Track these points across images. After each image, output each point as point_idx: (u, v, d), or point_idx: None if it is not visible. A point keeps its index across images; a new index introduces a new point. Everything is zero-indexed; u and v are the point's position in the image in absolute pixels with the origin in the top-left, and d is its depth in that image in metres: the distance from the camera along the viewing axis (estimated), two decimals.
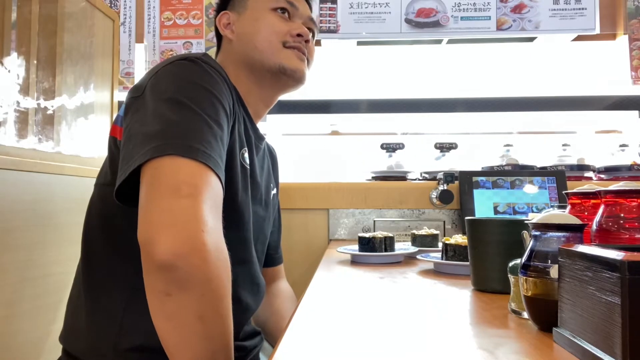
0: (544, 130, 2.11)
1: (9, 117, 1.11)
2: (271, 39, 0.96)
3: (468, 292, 0.83)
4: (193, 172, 0.64)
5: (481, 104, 1.93)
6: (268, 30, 0.97)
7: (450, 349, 0.54)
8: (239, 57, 0.98)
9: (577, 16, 1.87)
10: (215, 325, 0.63)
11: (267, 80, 0.98)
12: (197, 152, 0.66)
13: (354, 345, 0.54)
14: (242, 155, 0.87)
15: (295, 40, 0.98)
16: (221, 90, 0.79)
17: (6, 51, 1.10)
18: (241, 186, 0.86)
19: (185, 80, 0.76)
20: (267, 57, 0.96)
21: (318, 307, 0.74)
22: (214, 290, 0.62)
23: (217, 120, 0.73)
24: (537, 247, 0.60)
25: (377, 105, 1.95)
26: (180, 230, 0.59)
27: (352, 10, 1.91)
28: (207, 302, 0.62)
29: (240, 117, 0.91)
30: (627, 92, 1.87)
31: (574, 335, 0.51)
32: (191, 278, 0.60)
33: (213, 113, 0.74)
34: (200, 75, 0.78)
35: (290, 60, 0.97)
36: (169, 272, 0.60)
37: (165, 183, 0.63)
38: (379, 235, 1.19)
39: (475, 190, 1.64)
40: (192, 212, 0.61)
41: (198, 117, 0.71)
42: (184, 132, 0.68)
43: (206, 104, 0.74)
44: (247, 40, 0.97)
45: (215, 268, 0.62)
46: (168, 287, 0.61)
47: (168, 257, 0.59)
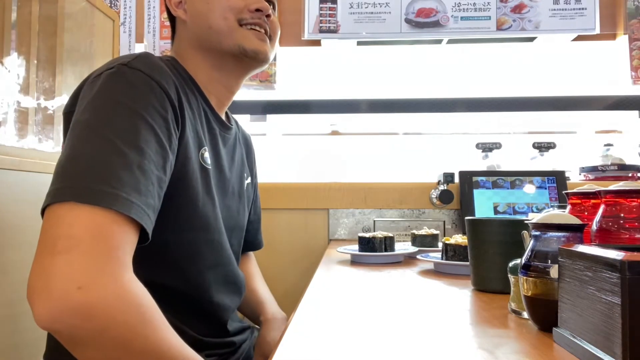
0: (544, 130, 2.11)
1: (9, 117, 1.11)
2: (226, 16, 0.87)
3: (468, 292, 0.83)
4: (76, 221, 0.58)
5: (481, 104, 1.92)
6: (222, 6, 0.87)
7: (450, 349, 0.54)
8: (195, 41, 0.90)
9: (577, 16, 1.87)
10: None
11: (227, 63, 0.90)
12: (92, 195, 0.59)
13: (353, 345, 0.54)
14: (201, 155, 0.82)
15: (254, 16, 0.89)
16: (151, 103, 0.70)
17: (6, 51, 1.10)
18: (202, 189, 0.81)
19: (105, 100, 0.68)
20: (223, 38, 0.87)
21: (318, 307, 0.74)
22: (116, 338, 0.58)
23: (137, 145, 0.65)
24: (537, 247, 0.60)
25: (377, 105, 1.95)
26: (50, 294, 0.55)
27: (352, 10, 1.91)
28: (112, 349, 0.58)
29: (199, 113, 0.85)
30: (627, 92, 1.87)
31: (574, 335, 0.51)
32: (77, 337, 0.57)
33: (132, 137, 0.65)
34: (124, 90, 0.69)
35: (250, 41, 0.88)
36: (56, 335, 0.57)
37: (43, 240, 0.58)
38: (379, 235, 1.19)
39: (475, 190, 1.64)
40: (63, 272, 0.55)
41: (110, 146, 0.63)
42: (86, 170, 0.61)
43: (125, 126, 0.66)
44: (201, 21, 0.88)
45: (107, 318, 0.57)
46: (65, 345, 0.58)
47: (47, 324, 0.55)
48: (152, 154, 0.67)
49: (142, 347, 0.59)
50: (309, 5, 1.90)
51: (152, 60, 0.76)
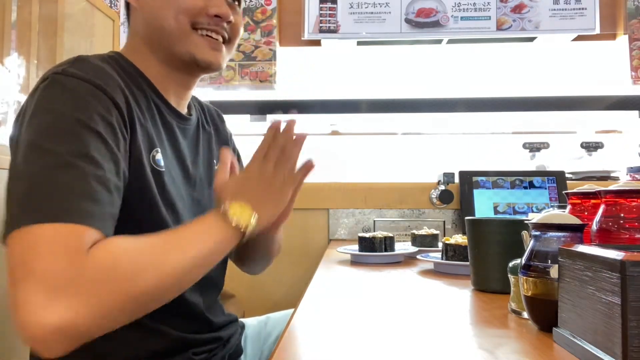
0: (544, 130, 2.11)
1: (9, 117, 1.11)
2: (179, 19, 0.80)
3: (468, 292, 0.83)
4: (26, 246, 0.57)
5: (481, 104, 1.93)
6: (177, 5, 0.80)
7: (450, 349, 0.54)
8: (146, 36, 0.83)
9: (577, 16, 1.87)
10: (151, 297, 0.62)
11: (178, 66, 0.84)
12: (48, 212, 0.58)
13: (354, 345, 0.54)
14: (152, 157, 0.78)
15: (211, 22, 0.82)
16: (93, 110, 0.67)
17: (6, 51, 1.10)
18: (158, 194, 0.78)
19: (44, 114, 0.66)
20: (175, 41, 0.81)
21: (318, 307, 0.74)
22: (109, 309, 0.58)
23: (86, 154, 0.63)
24: (537, 247, 0.60)
25: (377, 105, 1.95)
26: (26, 330, 0.54)
27: (352, 10, 1.91)
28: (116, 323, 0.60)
29: (149, 111, 0.80)
30: (627, 92, 1.87)
31: (574, 335, 0.51)
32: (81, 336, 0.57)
33: (79, 147, 0.63)
34: (62, 99, 0.66)
35: (202, 50, 0.82)
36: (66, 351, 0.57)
37: (11, 266, 0.58)
38: (379, 235, 1.19)
39: (475, 190, 1.64)
40: (24, 302, 0.55)
41: (57, 160, 0.61)
42: (36, 190, 0.60)
43: (70, 137, 0.63)
44: (153, 17, 0.82)
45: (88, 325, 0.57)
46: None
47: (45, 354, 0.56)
48: (102, 161, 0.65)
49: (146, 289, 0.60)
50: (309, 5, 1.90)
51: (90, 63, 0.72)
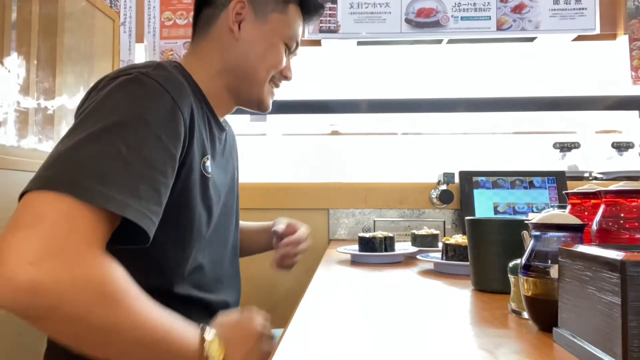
0: (544, 130, 2.11)
1: (9, 117, 1.11)
2: (269, 71, 0.94)
3: (468, 292, 0.83)
4: (51, 205, 0.58)
5: (481, 104, 1.92)
6: (274, 61, 0.94)
7: (450, 349, 0.54)
8: (229, 63, 0.93)
9: (577, 16, 1.87)
10: (98, 335, 0.60)
11: (238, 99, 0.97)
12: (80, 190, 0.59)
13: (353, 345, 0.54)
14: (203, 164, 0.84)
15: (281, 78, 0.99)
16: (162, 114, 0.71)
17: (6, 51, 1.10)
18: (199, 200, 0.83)
19: (117, 103, 0.69)
20: (254, 85, 0.94)
21: (318, 307, 0.74)
22: (69, 314, 0.56)
23: (140, 153, 0.66)
24: (537, 247, 0.60)
25: (377, 105, 1.95)
26: (2, 270, 0.54)
27: (352, 10, 1.91)
28: (68, 325, 0.58)
29: (204, 122, 0.87)
30: (627, 92, 1.87)
31: (574, 335, 0.51)
32: (30, 314, 0.56)
33: (138, 144, 0.66)
34: (139, 96, 0.70)
35: (268, 97, 0.98)
36: (12, 312, 0.56)
37: (11, 219, 0.58)
38: (379, 235, 1.19)
39: (475, 190, 1.64)
40: (18, 247, 0.55)
41: (114, 150, 0.63)
42: (83, 166, 0.61)
43: (132, 133, 0.66)
44: (250, 58, 0.92)
45: (57, 295, 0.55)
46: (23, 319, 0.57)
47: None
48: (156, 163, 0.67)
49: (100, 322, 0.58)
50: None
51: (170, 73, 0.77)
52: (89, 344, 0.61)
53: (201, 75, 0.90)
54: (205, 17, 0.94)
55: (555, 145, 1.79)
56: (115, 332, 0.60)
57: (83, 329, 0.58)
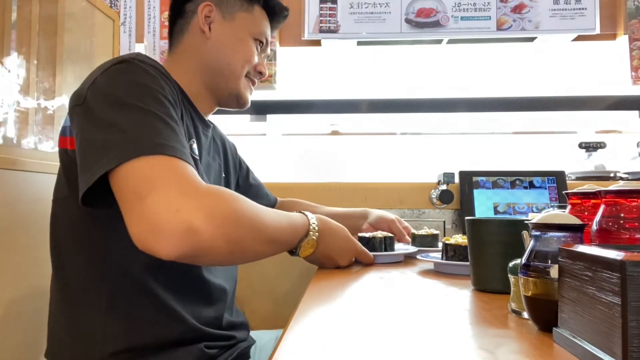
0: (544, 130, 2.11)
1: (9, 117, 1.11)
2: (243, 65, 1.01)
3: (468, 292, 0.83)
4: (147, 169, 0.66)
5: (481, 104, 1.92)
6: (245, 56, 1.01)
7: (450, 349, 0.54)
8: (204, 62, 1.00)
9: (577, 16, 1.86)
10: (253, 234, 0.73)
11: (218, 95, 1.03)
12: (157, 147, 0.67)
13: (353, 345, 0.54)
14: (190, 146, 0.89)
15: (256, 75, 1.05)
16: (163, 86, 0.79)
17: (6, 51, 1.10)
18: None
19: (127, 82, 0.76)
20: (231, 79, 1.00)
21: (318, 307, 0.74)
22: (231, 232, 0.68)
23: (169, 115, 0.75)
24: (537, 247, 0.60)
25: (377, 105, 1.95)
26: (157, 232, 0.62)
27: (352, 10, 1.91)
28: (239, 239, 0.70)
29: (186, 110, 0.94)
30: (627, 92, 1.87)
31: (574, 335, 0.51)
32: (205, 250, 0.65)
33: (162, 108, 0.74)
34: (140, 74, 0.78)
35: (246, 91, 1.04)
36: (189, 259, 0.66)
37: (125, 194, 0.66)
38: (379, 235, 1.19)
39: (475, 190, 1.64)
40: (155, 209, 0.62)
41: (149, 115, 0.72)
42: (137, 135, 0.69)
43: (152, 101, 0.74)
44: (223, 54, 1.00)
45: (216, 220, 0.65)
46: (205, 262, 0.74)
47: (175, 256, 0.63)
48: (179, 125, 0.76)
49: (248, 221, 0.71)
50: (309, 5, 1.90)
51: (151, 60, 0.85)
52: (244, 251, 0.73)
53: (181, 77, 0.97)
54: (178, 27, 1.04)
55: (581, 145, 1.78)
56: (260, 225, 0.74)
57: (238, 244, 0.69)
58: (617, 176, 1.72)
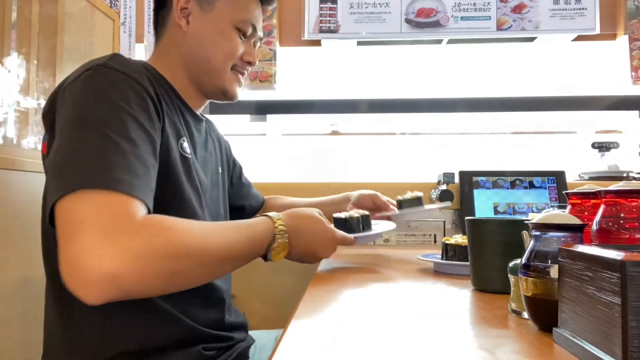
0: (544, 130, 2.11)
1: (9, 117, 1.11)
2: (226, 61, 0.95)
3: (468, 292, 0.83)
4: (85, 205, 0.63)
5: (481, 104, 1.92)
6: (228, 49, 0.95)
7: (450, 349, 0.54)
8: (185, 58, 0.95)
9: (577, 16, 1.86)
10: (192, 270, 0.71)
11: (204, 91, 0.99)
12: (101, 180, 0.64)
13: (353, 345, 0.54)
14: (180, 145, 0.86)
15: (244, 65, 0.99)
16: (128, 98, 0.74)
17: (6, 51, 1.10)
18: (185, 179, 0.85)
19: (91, 97, 0.73)
20: (214, 77, 0.95)
21: (318, 307, 0.74)
22: (159, 268, 0.65)
23: (128, 137, 0.70)
24: (537, 247, 0.60)
25: (377, 105, 1.95)
26: (80, 278, 0.60)
27: (352, 10, 1.91)
28: (167, 275, 0.67)
29: (174, 107, 0.90)
30: (627, 92, 1.87)
31: (574, 335, 0.51)
32: (132, 292, 0.63)
33: (122, 130, 0.70)
34: (106, 86, 0.74)
35: (232, 85, 0.98)
36: (116, 300, 0.63)
37: (60, 231, 0.63)
38: (355, 215, 1.14)
39: (475, 190, 1.64)
40: (81, 253, 0.60)
41: (104, 141, 0.68)
42: (87, 161, 0.66)
43: (113, 121, 0.70)
44: (203, 49, 0.94)
45: (140, 263, 0.63)
46: (134, 297, 0.66)
47: (96, 302, 0.61)
48: (140, 143, 0.72)
49: (186, 250, 0.68)
50: (309, 5, 1.90)
51: (125, 60, 0.81)
52: (188, 280, 0.71)
53: (166, 73, 0.93)
54: (160, 19, 0.99)
55: (594, 145, 1.77)
56: (203, 250, 0.70)
57: (180, 264, 0.67)
58: (631, 176, 1.71)
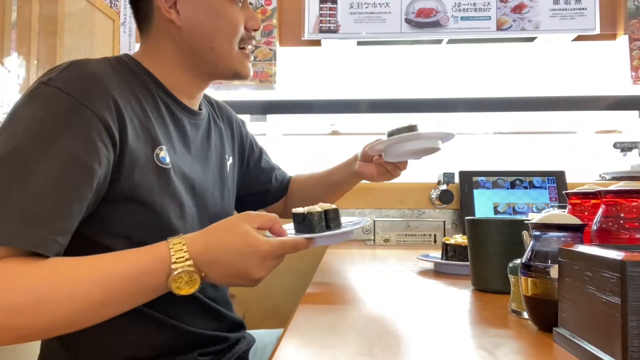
0: (544, 130, 2.11)
1: None
2: (230, 42, 0.86)
3: (468, 292, 0.83)
4: None
5: (481, 104, 1.92)
6: (229, 28, 0.85)
7: (450, 349, 0.54)
8: (182, 52, 0.85)
9: (577, 16, 1.86)
10: (63, 321, 0.63)
11: (210, 77, 0.90)
12: None
13: (353, 345, 0.54)
14: (156, 156, 0.77)
15: (250, 35, 0.89)
16: (65, 125, 0.66)
17: (6, 51, 1.10)
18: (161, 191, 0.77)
19: (16, 125, 0.66)
20: (221, 63, 0.87)
21: (318, 306, 0.74)
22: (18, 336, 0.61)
23: (44, 171, 0.63)
24: (537, 247, 0.60)
25: (377, 105, 1.95)
26: None
27: (352, 10, 1.91)
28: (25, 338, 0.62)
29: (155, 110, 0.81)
30: (627, 92, 1.87)
31: (574, 335, 0.51)
32: None
33: (40, 165, 0.63)
34: (38, 113, 0.67)
35: (244, 66, 0.89)
36: None
37: None
38: (316, 209, 0.89)
39: (475, 190, 1.64)
40: None
41: (9, 177, 0.62)
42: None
43: (31, 153, 0.64)
44: (203, 39, 0.84)
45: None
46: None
47: None
48: (60, 177, 0.64)
49: (20, 307, 0.59)
50: (309, 5, 1.90)
51: (81, 71, 0.71)
52: (62, 328, 0.63)
53: (157, 70, 0.85)
54: (142, 12, 0.87)
55: (615, 145, 1.77)
56: (48, 310, 0.60)
57: (17, 331, 0.60)
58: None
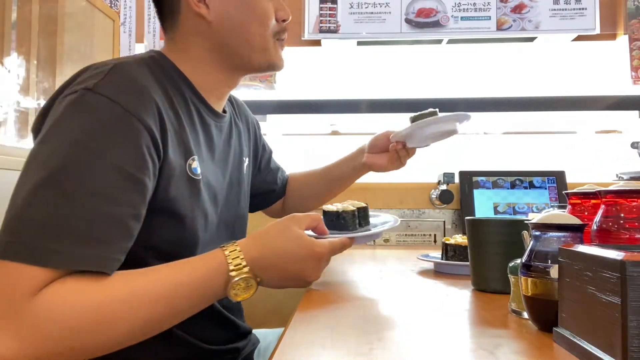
0: (544, 130, 2.11)
1: (9, 117, 1.11)
2: (264, 32, 0.83)
3: (468, 292, 0.83)
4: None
5: (481, 103, 1.92)
6: (261, 17, 0.82)
7: (450, 349, 0.54)
8: (214, 48, 0.82)
9: (577, 16, 1.86)
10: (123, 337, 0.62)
11: (245, 72, 0.88)
12: (17, 250, 0.58)
13: (353, 345, 0.54)
14: (189, 167, 0.76)
15: (282, 26, 0.86)
16: (115, 138, 0.64)
17: (6, 51, 1.10)
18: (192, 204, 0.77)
19: (62, 136, 0.63)
20: (256, 54, 0.83)
21: (318, 307, 0.74)
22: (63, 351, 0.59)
23: (94, 190, 0.61)
24: (537, 247, 0.60)
25: (377, 105, 1.95)
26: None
27: (352, 10, 1.91)
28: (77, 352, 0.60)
29: (188, 116, 0.79)
30: (627, 92, 1.87)
31: (574, 335, 0.51)
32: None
33: (91, 181, 0.61)
34: (85, 124, 0.63)
35: (280, 57, 0.87)
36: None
37: None
38: (349, 208, 0.92)
39: (475, 190, 1.64)
40: None
41: (61, 196, 0.60)
42: (29, 226, 0.59)
43: (82, 169, 0.61)
44: (236, 32, 0.81)
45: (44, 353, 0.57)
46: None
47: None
48: (115, 195, 0.63)
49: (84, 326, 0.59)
50: (309, 5, 1.90)
51: (125, 79, 0.69)
52: (122, 344, 0.63)
53: (185, 67, 0.81)
54: (167, 8, 0.83)
55: (633, 145, 1.77)
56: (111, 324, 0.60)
57: (80, 351, 0.59)
58: None
